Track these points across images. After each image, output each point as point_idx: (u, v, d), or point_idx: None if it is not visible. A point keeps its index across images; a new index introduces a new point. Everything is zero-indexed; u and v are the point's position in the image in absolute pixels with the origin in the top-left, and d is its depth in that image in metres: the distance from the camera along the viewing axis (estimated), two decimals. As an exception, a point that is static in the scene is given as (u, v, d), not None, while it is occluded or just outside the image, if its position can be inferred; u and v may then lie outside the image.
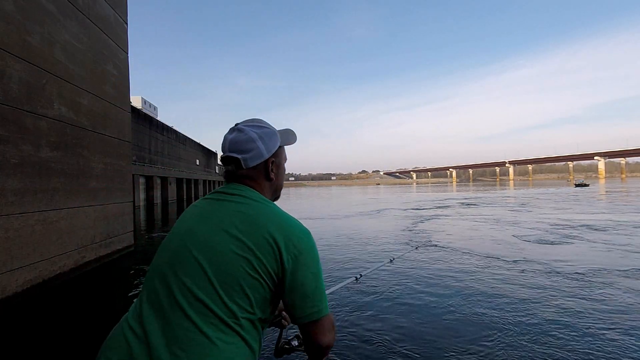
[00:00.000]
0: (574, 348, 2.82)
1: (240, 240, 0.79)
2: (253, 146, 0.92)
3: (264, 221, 0.82)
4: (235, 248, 0.79)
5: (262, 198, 0.90)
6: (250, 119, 0.99)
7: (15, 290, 3.24)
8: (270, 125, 0.98)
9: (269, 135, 0.95)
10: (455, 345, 2.91)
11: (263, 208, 0.86)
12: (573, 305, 3.71)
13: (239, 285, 0.77)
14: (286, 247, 0.80)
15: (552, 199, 22.61)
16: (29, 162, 3.18)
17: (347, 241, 8.14)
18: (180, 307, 0.75)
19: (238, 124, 0.96)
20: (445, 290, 4.32)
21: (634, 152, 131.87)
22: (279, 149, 0.99)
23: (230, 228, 0.81)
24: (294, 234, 0.82)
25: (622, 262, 5.58)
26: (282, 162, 1.02)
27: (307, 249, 0.83)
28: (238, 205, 0.86)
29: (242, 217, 0.83)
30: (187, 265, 0.79)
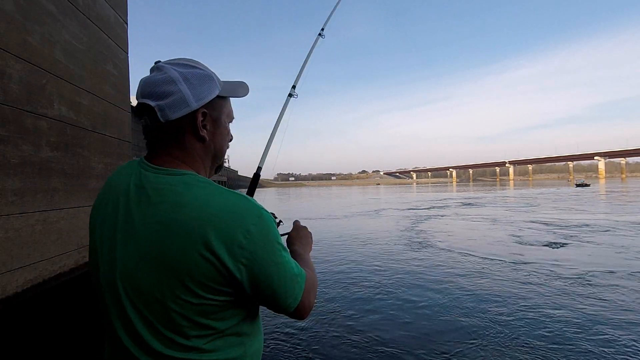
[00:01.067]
0: (569, 349, 2.82)
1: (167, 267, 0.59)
2: (173, 89, 0.65)
3: (187, 229, 0.59)
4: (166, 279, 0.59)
5: (187, 182, 0.64)
6: (179, 57, 0.72)
7: (16, 290, 3.26)
8: (205, 67, 0.72)
9: (200, 78, 0.69)
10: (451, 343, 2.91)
11: (186, 205, 0.61)
12: (578, 309, 3.71)
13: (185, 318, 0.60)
14: (232, 256, 0.59)
15: (554, 199, 22.63)
16: (29, 162, 3.20)
17: (346, 241, 8.14)
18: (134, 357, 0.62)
19: (159, 61, 0.70)
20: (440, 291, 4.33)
21: (634, 152, 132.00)
22: (217, 100, 0.72)
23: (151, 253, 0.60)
24: (238, 231, 0.60)
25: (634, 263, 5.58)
26: (223, 119, 0.75)
27: (261, 241, 0.62)
28: (155, 209, 0.62)
29: (161, 233, 0.60)
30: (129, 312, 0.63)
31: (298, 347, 2.99)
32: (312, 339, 3.10)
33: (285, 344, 3.07)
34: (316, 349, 2.94)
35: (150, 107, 0.66)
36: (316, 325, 3.36)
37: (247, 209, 0.62)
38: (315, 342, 3.04)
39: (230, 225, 0.60)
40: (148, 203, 0.63)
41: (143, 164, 0.69)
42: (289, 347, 3.00)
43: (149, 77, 0.68)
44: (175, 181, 0.64)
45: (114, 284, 0.64)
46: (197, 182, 0.65)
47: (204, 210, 0.60)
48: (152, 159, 0.69)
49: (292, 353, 2.92)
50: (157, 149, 0.70)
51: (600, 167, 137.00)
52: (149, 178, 0.66)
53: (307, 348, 2.97)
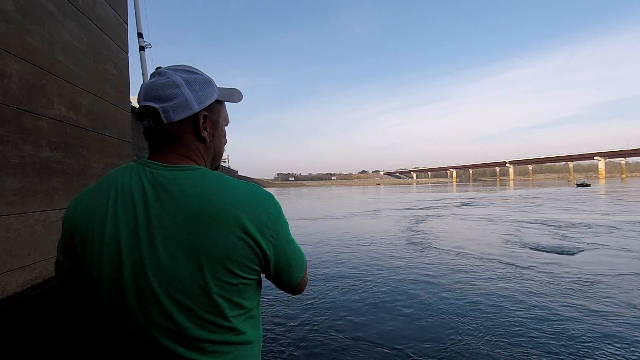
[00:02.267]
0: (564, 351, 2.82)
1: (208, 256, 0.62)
2: (176, 92, 0.68)
3: (214, 212, 0.62)
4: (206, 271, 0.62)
5: (204, 176, 0.67)
6: (180, 64, 0.76)
7: (16, 290, 3.26)
8: (204, 73, 0.76)
9: (201, 83, 0.73)
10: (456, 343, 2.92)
11: (207, 193, 0.64)
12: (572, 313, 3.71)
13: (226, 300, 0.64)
14: (262, 234, 0.66)
15: (555, 199, 22.63)
16: (29, 162, 3.21)
17: (346, 242, 8.14)
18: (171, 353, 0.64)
19: (161, 67, 0.74)
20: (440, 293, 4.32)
21: (634, 152, 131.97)
22: (216, 104, 0.76)
23: (187, 246, 0.62)
24: (262, 213, 0.67)
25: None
26: (221, 122, 0.79)
27: (278, 221, 0.70)
28: (179, 203, 0.63)
29: (192, 222, 0.62)
30: (154, 310, 0.63)
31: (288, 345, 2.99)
32: (302, 340, 3.11)
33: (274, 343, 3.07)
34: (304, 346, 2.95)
35: (154, 110, 0.68)
36: (306, 329, 3.36)
37: (264, 195, 0.70)
38: (305, 341, 3.05)
39: (256, 208, 0.67)
40: (170, 198, 0.64)
41: (151, 164, 0.70)
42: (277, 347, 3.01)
43: (152, 81, 0.71)
44: (193, 176, 0.67)
45: (146, 283, 0.63)
46: (212, 175, 0.68)
47: (231, 197, 0.65)
48: (160, 159, 0.71)
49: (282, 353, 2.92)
50: (161, 149, 0.72)
51: (600, 167, 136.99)
52: (165, 175, 0.67)
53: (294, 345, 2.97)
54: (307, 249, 7.03)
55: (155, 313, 0.63)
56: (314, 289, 4.49)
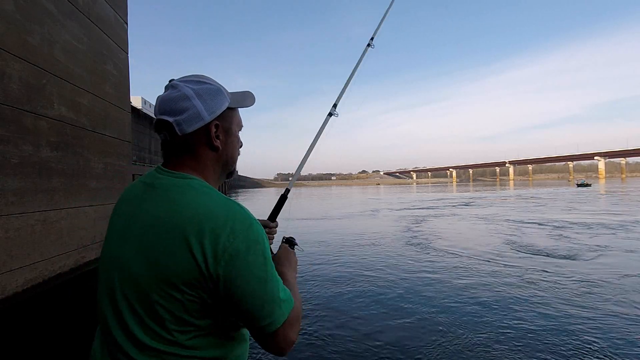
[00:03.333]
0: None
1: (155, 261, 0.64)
2: (188, 105, 0.71)
3: (177, 224, 0.64)
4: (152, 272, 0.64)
5: (188, 186, 0.70)
6: (191, 74, 0.79)
7: (15, 290, 3.26)
8: (214, 82, 0.78)
9: (211, 93, 0.75)
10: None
11: (182, 204, 0.66)
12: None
13: (167, 311, 0.64)
14: (213, 253, 0.62)
15: (556, 199, 22.63)
16: (29, 162, 3.20)
17: (346, 242, 8.14)
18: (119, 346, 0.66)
19: (173, 79, 0.77)
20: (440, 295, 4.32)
21: (634, 152, 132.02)
22: (228, 112, 0.78)
23: (145, 247, 0.66)
24: (223, 232, 0.63)
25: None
26: (234, 128, 0.81)
27: (244, 248, 0.64)
28: (155, 208, 0.68)
29: (156, 228, 0.66)
30: (120, 301, 0.67)
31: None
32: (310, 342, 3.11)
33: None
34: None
35: (169, 123, 0.72)
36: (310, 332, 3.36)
37: (238, 216, 0.66)
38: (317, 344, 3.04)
39: (218, 226, 0.64)
40: (152, 201, 0.70)
41: (158, 169, 0.76)
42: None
43: (165, 95, 0.74)
44: (182, 183, 0.71)
45: (111, 275, 0.70)
46: (200, 187, 0.71)
47: (196, 210, 0.65)
48: (167, 165, 0.76)
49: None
50: (172, 158, 0.76)
51: (600, 167, 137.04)
52: (162, 180, 0.73)
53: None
54: (308, 250, 7.03)
55: (114, 309, 0.68)
56: (322, 294, 4.49)
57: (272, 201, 6.47)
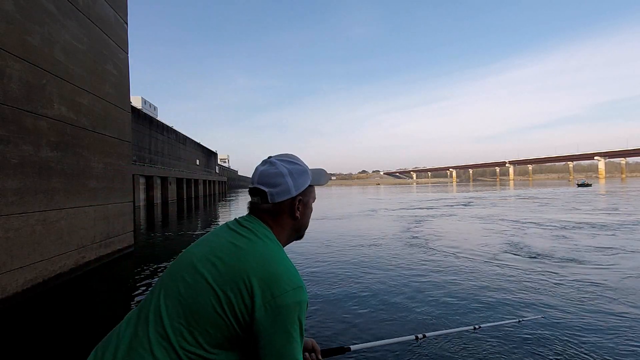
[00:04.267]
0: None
1: (219, 273, 0.77)
2: (282, 181, 0.90)
3: (248, 259, 0.79)
4: (211, 279, 0.77)
5: (267, 235, 0.87)
6: (284, 153, 0.98)
7: (16, 290, 3.23)
8: (302, 163, 0.98)
9: (300, 173, 0.94)
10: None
11: (258, 246, 0.83)
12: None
13: (203, 318, 0.74)
14: (262, 295, 0.74)
15: (558, 198, 22.62)
16: (29, 162, 3.16)
17: (347, 243, 8.14)
18: (147, 328, 0.75)
19: (271, 157, 0.96)
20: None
21: (634, 152, 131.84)
22: (308, 188, 0.97)
23: (215, 258, 0.80)
24: (278, 285, 0.76)
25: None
26: (310, 202, 1.00)
27: (287, 305, 0.75)
28: (237, 238, 0.84)
29: (231, 250, 0.81)
30: (170, 289, 0.79)
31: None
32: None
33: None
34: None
35: (264, 192, 0.90)
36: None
37: (293, 278, 0.79)
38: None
39: (272, 277, 0.77)
40: (237, 231, 0.87)
41: (246, 217, 0.93)
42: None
43: (265, 169, 0.92)
44: (262, 229, 0.88)
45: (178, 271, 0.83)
46: (274, 239, 0.88)
47: (260, 256, 0.80)
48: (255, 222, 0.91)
49: None
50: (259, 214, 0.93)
51: (600, 167, 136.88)
52: (248, 221, 0.90)
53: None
54: (309, 250, 7.03)
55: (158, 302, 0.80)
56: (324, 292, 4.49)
57: (272, 201, 6.32)
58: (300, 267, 5.64)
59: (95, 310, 3.93)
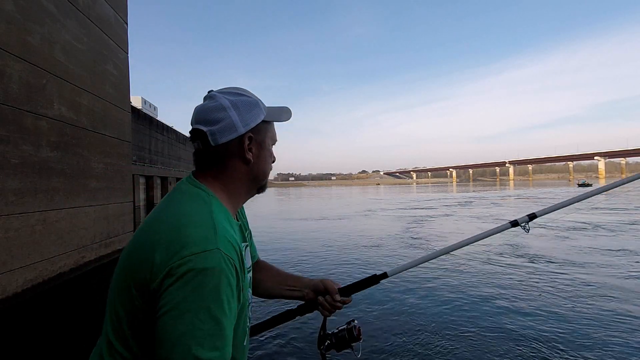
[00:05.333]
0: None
1: (128, 257, 0.66)
2: (223, 116, 0.72)
3: (153, 231, 0.64)
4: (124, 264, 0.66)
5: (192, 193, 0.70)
6: (230, 86, 0.79)
7: (15, 290, 3.25)
8: (252, 94, 0.79)
9: (248, 105, 0.75)
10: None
11: (169, 210, 0.67)
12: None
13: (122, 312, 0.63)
14: (163, 265, 0.58)
15: (560, 199, 22.63)
16: (29, 162, 3.19)
17: (346, 244, 8.14)
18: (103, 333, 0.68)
19: (212, 90, 0.78)
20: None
21: (634, 152, 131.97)
22: (262, 125, 0.78)
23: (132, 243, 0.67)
24: (182, 247, 0.59)
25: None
26: (267, 142, 0.80)
27: (189, 272, 0.57)
28: (154, 212, 0.70)
29: (143, 228, 0.68)
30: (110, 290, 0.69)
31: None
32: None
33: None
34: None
35: (203, 132, 0.72)
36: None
37: (198, 238, 0.60)
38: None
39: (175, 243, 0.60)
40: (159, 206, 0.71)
41: (187, 177, 0.76)
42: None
43: (202, 105, 0.74)
44: (191, 192, 0.71)
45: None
46: (196, 197, 0.69)
47: (174, 221, 0.64)
48: (196, 175, 0.76)
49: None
50: (202, 168, 0.76)
51: (600, 167, 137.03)
52: (181, 186, 0.73)
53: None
54: (312, 251, 7.03)
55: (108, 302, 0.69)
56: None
57: (271, 201, 6.41)
58: (304, 269, 5.64)
59: (95, 310, 3.93)
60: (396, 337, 3.14)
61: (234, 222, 0.75)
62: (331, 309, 0.97)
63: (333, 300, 0.97)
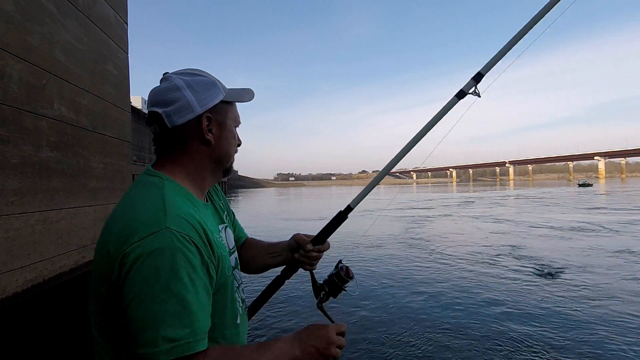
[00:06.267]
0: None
1: (95, 257, 0.66)
2: (178, 96, 0.69)
3: (108, 224, 0.64)
4: (93, 270, 0.65)
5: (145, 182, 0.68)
6: (186, 68, 0.76)
7: (15, 290, 3.25)
8: (209, 75, 0.76)
9: (204, 85, 0.72)
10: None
11: (124, 199, 0.67)
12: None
13: (99, 312, 0.64)
14: (116, 255, 0.59)
15: (561, 198, 22.61)
16: (29, 162, 3.19)
17: (345, 244, 8.14)
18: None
19: (167, 72, 0.75)
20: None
21: (634, 152, 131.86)
22: (222, 105, 0.75)
23: (98, 244, 0.67)
24: (130, 235, 0.59)
25: None
26: (228, 123, 0.77)
27: (140, 257, 0.57)
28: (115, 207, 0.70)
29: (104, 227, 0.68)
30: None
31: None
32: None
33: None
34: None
35: (158, 115, 0.70)
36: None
37: (147, 221, 0.60)
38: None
39: (124, 228, 0.61)
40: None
41: (146, 170, 0.74)
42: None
43: (156, 87, 0.73)
44: (146, 181, 0.69)
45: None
46: (148, 185, 0.68)
47: (119, 213, 0.64)
48: (155, 163, 0.74)
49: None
50: (161, 155, 0.74)
51: (600, 167, 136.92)
52: (138, 178, 0.71)
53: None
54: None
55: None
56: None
57: (271, 201, 6.43)
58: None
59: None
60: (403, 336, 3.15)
61: (200, 202, 0.73)
62: (310, 262, 0.98)
63: (306, 251, 0.97)
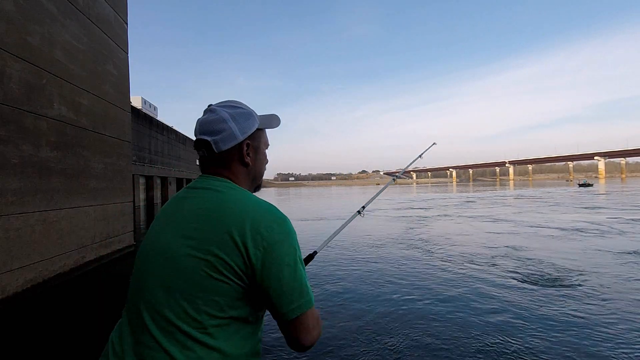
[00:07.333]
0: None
1: (198, 242, 0.74)
2: (224, 127, 0.85)
3: (223, 215, 0.76)
4: (194, 252, 0.74)
5: (228, 187, 0.84)
6: (226, 100, 0.93)
7: (16, 290, 3.23)
8: (246, 106, 0.92)
9: (244, 116, 0.88)
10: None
11: (226, 199, 0.79)
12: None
13: (203, 291, 0.72)
14: (253, 241, 0.73)
15: (561, 198, 22.62)
16: (29, 162, 3.15)
17: (347, 244, 8.15)
18: (146, 326, 0.73)
19: (211, 105, 0.91)
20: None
21: (634, 152, 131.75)
22: (257, 132, 0.92)
23: (188, 231, 0.76)
24: (262, 224, 0.75)
25: None
26: (262, 147, 0.95)
27: (279, 239, 0.76)
28: (200, 202, 0.80)
29: (201, 215, 0.77)
30: (150, 281, 0.77)
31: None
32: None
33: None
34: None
35: (207, 142, 0.85)
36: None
37: (274, 213, 0.79)
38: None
39: (258, 219, 0.76)
40: (195, 197, 0.82)
41: (200, 176, 0.88)
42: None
43: (204, 118, 0.87)
44: (218, 183, 0.85)
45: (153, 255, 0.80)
46: (235, 187, 0.85)
47: (240, 205, 0.78)
48: (207, 172, 0.88)
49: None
50: (211, 169, 0.88)
51: (600, 167, 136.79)
52: (198, 181, 0.86)
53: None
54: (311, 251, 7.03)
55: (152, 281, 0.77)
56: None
57: (271, 201, 6.37)
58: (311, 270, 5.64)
59: (95, 310, 3.93)
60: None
61: None
62: None
63: None
